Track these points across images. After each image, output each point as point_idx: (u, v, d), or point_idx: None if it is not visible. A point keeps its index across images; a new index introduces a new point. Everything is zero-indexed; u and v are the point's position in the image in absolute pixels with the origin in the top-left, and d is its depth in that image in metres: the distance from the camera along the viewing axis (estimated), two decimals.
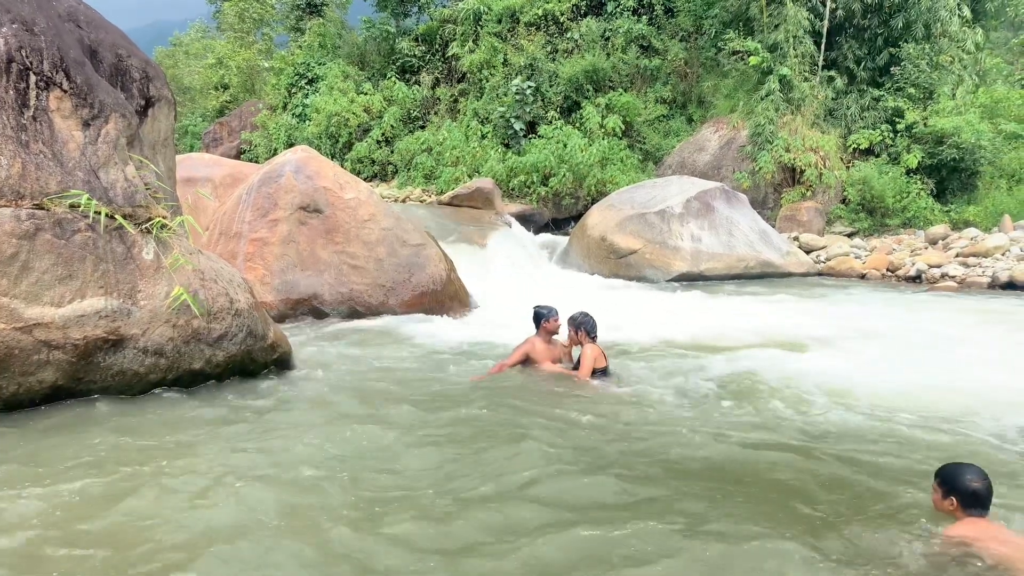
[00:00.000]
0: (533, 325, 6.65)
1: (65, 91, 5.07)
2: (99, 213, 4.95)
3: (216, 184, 11.59)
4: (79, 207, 4.90)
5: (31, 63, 4.92)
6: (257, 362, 6.03)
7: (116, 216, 5.10)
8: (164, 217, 5.49)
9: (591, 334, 6.36)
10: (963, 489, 3.40)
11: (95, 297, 4.93)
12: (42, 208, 4.79)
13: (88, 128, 5.17)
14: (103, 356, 5.01)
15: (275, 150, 25.21)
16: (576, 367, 6.37)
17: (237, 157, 27.29)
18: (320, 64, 28.10)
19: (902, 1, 18.19)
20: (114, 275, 5.04)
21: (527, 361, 6.52)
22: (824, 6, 18.72)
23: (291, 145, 20.35)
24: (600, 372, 6.26)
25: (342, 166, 21.57)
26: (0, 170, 4.67)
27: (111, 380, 5.13)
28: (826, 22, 18.82)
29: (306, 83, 28.08)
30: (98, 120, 5.24)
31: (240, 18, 38.32)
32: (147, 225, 5.33)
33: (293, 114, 27.56)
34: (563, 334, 6.70)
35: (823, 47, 19.13)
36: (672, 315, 9.92)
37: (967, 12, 18.99)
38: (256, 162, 22.66)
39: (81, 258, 4.89)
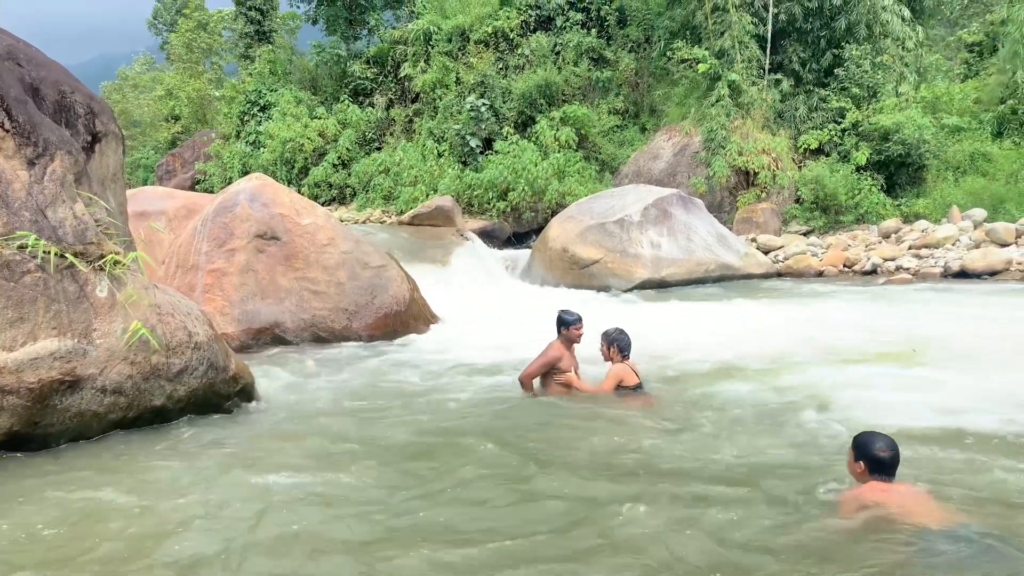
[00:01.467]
0: (556, 329, 6.33)
1: (7, 131, 4.97)
2: (48, 253, 4.86)
3: (170, 217, 11.42)
4: (27, 248, 4.80)
5: None
6: (220, 395, 5.94)
7: (66, 255, 5.01)
8: (117, 253, 5.40)
9: (623, 352, 6.14)
10: (871, 455, 3.70)
11: (48, 339, 4.82)
12: None
13: (33, 167, 5.07)
14: (60, 398, 4.90)
15: (230, 179, 25.00)
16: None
17: (192, 188, 27.00)
18: (272, 91, 27.98)
19: (843, 3, 18.67)
20: (67, 315, 4.94)
21: (552, 370, 6.19)
22: (767, 11, 19.14)
23: (246, 173, 20.19)
24: (630, 390, 6.03)
25: (299, 192, 21.47)
26: None
27: (70, 422, 5.01)
28: (769, 27, 19.23)
29: (258, 110, 27.92)
30: (43, 158, 5.14)
31: (188, 48, 38.05)
32: (100, 262, 5.24)
33: (247, 142, 27.36)
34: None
35: (768, 51, 19.54)
36: (648, 324, 9.92)
37: (906, 12, 19.54)
38: (211, 192, 22.40)
39: (32, 299, 4.78)
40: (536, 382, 6.32)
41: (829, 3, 18.71)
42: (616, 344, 6.13)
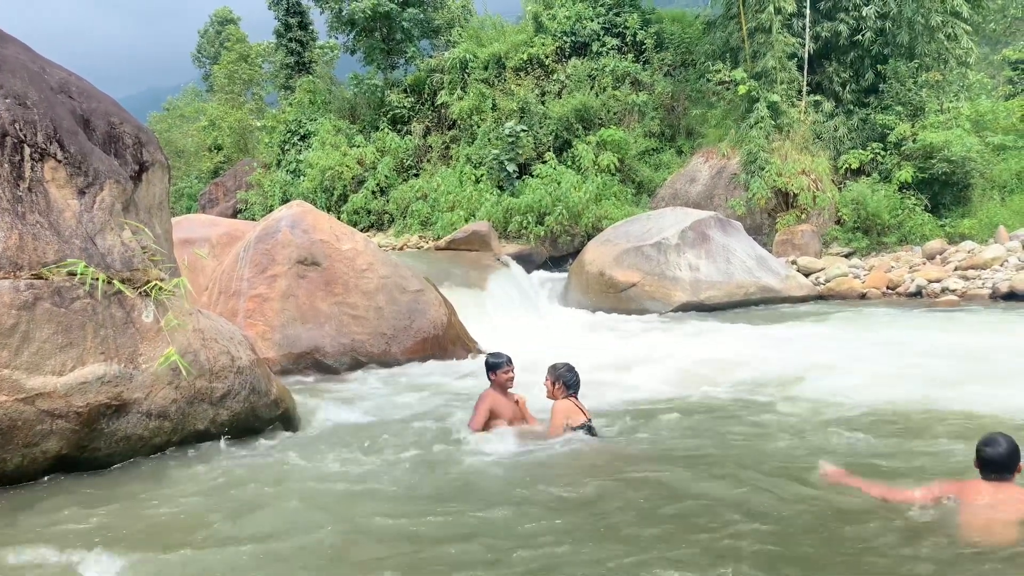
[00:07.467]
0: (486, 376, 5.95)
1: (59, 161, 5.12)
2: (96, 279, 4.97)
3: (213, 244, 11.63)
4: (77, 275, 4.91)
5: (25, 136, 4.98)
6: (261, 419, 6.00)
7: (114, 281, 5.12)
8: (162, 280, 5.51)
9: (569, 389, 5.64)
10: (979, 455, 3.78)
11: (96, 363, 4.92)
12: (40, 278, 4.81)
13: (83, 196, 5.22)
14: (107, 422, 4.99)
15: (271, 207, 25.38)
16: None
17: (234, 216, 27.50)
18: (311, 120, 28.44)
19: (892, 22, 18.42)
20: (114, 340, 5.04)
21: (491, 418, 5.76)
22: (805, 31, 19.02)
23: (286, 201, 20.49)
24: (581, 429, 5.45)
25: (339, 218, 21.69)
26: None
27: (116, 446, 5.09)
28: (807, 47, 19.09)
29: (298, 139, 28.39)
30: (93, 188, 5.28)
31: (230, 80, 38.95)
32: (145, 288, 5.35)
33: (287, 171, 27.81)
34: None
35: (806, 71, 19.39)
36: (696, 347, 9.76)
37: (966, 27, 19.11)
38: (253, 220, 22.79)
39: (81, 325, 4.89)
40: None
41: (876, 20, 18.45)
42: (561, 380, 5.64)
